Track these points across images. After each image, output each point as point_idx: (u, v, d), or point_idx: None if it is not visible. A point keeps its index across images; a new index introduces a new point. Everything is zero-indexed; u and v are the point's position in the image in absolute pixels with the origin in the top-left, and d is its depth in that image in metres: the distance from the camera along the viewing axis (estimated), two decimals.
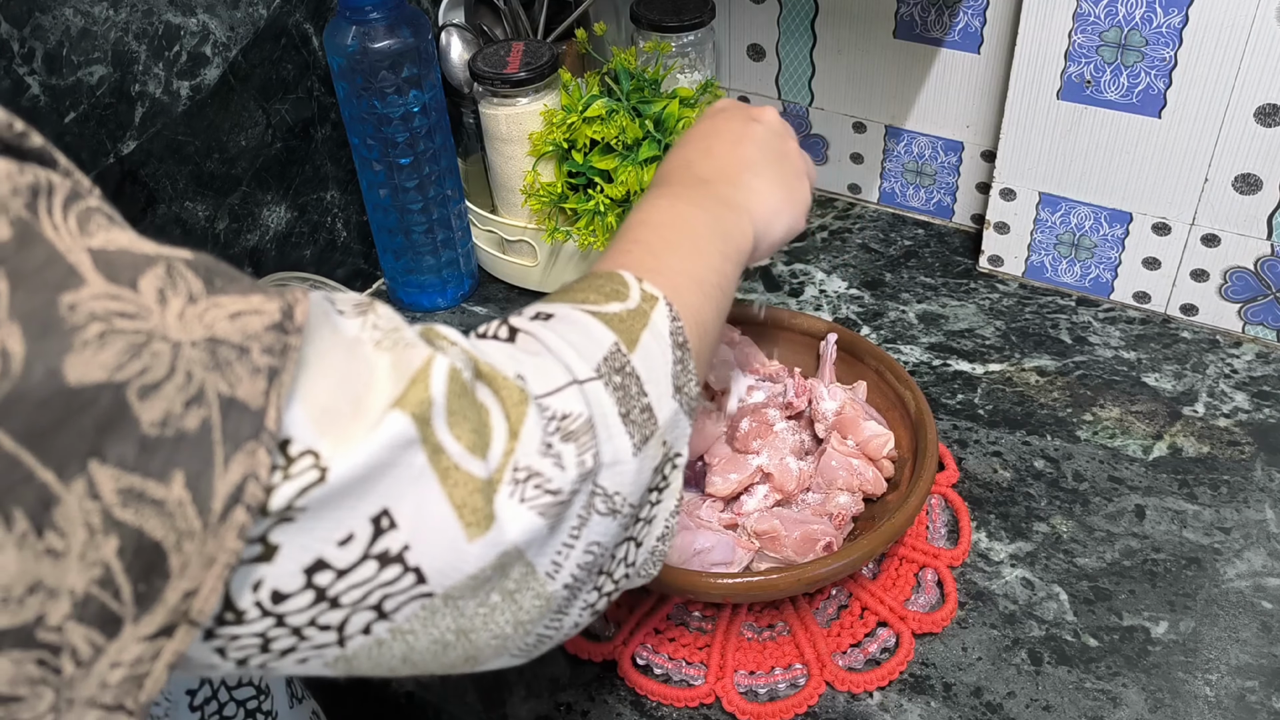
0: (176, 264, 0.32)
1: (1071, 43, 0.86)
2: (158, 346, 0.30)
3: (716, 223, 0.56)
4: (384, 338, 0.38)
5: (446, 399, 0.37)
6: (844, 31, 1.01)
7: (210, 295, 0.33)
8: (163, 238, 0.86)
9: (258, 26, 0.85)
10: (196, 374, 0.31)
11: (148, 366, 0.30)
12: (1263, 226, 0.86)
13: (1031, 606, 0.72)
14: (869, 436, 0.76)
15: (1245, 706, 0.66)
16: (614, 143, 0.91)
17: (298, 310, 0.35)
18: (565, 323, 0.45)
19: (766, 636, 0.72)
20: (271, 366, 0.33)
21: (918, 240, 1.06)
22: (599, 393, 0.43)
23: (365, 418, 0.35)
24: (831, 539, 0.71)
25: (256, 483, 0.32)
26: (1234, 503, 0.78)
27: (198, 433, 0.31)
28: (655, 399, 0.46)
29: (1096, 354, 0.91)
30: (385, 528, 0.36)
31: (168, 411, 0.30)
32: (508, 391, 0.40)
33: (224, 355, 0.32)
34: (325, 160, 0.95)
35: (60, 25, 0.71)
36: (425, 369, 0.37)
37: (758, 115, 0.64)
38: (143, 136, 0.79)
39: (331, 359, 0.36)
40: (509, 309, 1.00)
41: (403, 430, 0.36)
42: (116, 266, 0.30)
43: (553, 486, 0.40)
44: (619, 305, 0.47)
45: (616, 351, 0.45)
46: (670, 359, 0.47)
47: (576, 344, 0.44)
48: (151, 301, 0.31)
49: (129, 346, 0.30)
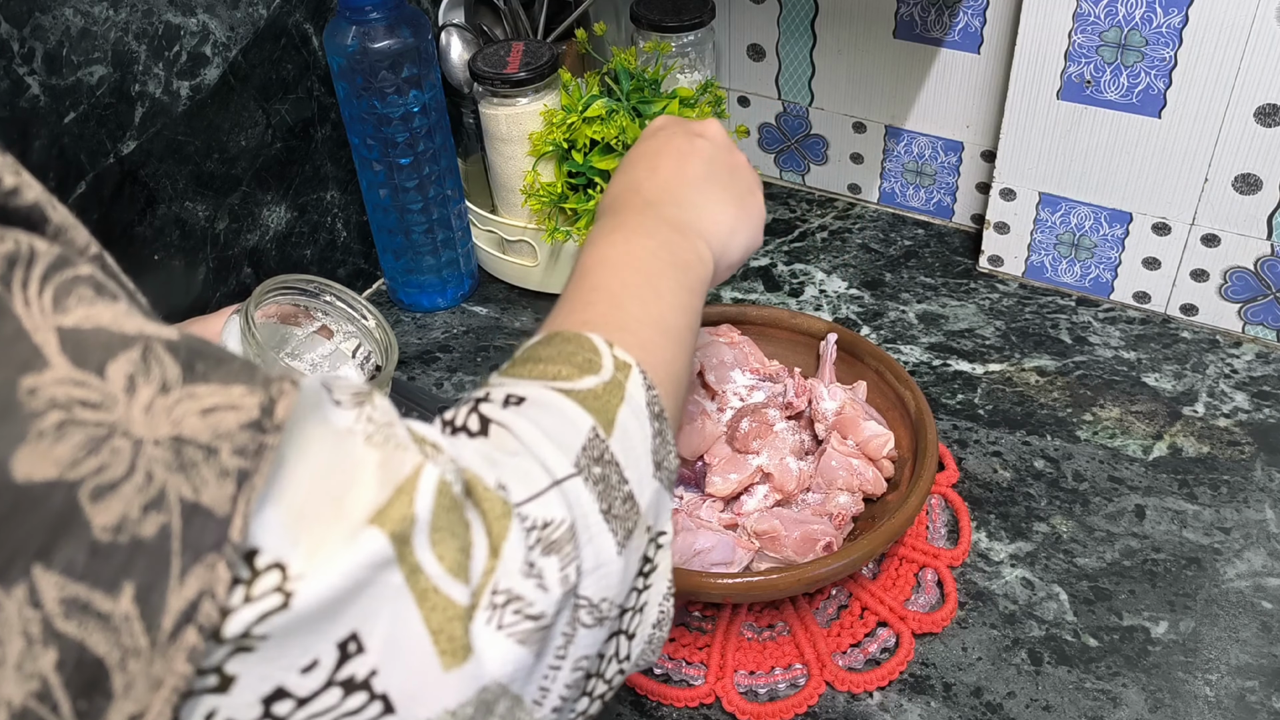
0: (155, 347, 0.30)
1: (1071, 43, 0.86)
2: (118, 443, 0.28)
3: (673, 254, 0.54)
4: (376, 432, 0.36)
5: (432, 515, 0.35)
6: (844, 31, 1.01)
7: (186, 384, 0.30)
8: (162, 238, 0.86)
9: (258, 26, 0.85)
10: (158, 475, 0.29)
11: (105, 464, 0.28)
12: (1263, 226, 0.86)
13: (1031, 606, 0.72)
14: (869, 436, 0.76)
15: (1245, 706, 0.66)
16: (614, 143, 0.91)
17: (280, 405, 0.32)
18: (539, 408, 0.43)
19: (766, 636, 0.72)
20: (242, 469, 0.31)
21: (918, 240, 1.06)
22: (579, 491, 0.41)
23: (343, 523, 0.33)
24: (831, 539, 0.71)
25: (212, 601, 0.30)
26: (1234, 503, 0.78)
27: (154, 541, 0.29)
28: (636, 484, 0.43)
29: (1096, 354, 0.91)
30: (352, 652, 0.33)
31: (124, 515, 0.28)
32: (489, 504, 0.38)
33: (190, 455, 0.30)
34: (325, 160, 0.95)
35: (60, 25, 0.71)
36: (413, 479, 0.35)
37: (701, 130, 0.62)
38: (143, 136, 0.79)
39: (316, 454, 0.34)
40: (509, 309, 1.00)
41: (379, 550, 0.33)
42: (86, 348, 0.29)
43: (534, 611, 0.38)
44: (593, 379, 0.44)
45: (595, 438, 0.42)
46: (649, 433, 0.45)
47: (553, 434, 0.42)
48: (118, 390, 0.29)
49: (87, 441, 0.28)
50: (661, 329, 0.50)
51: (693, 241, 0.56)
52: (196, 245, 0.86)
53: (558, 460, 0.41)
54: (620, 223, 0.56)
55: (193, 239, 0.86)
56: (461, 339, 0.98)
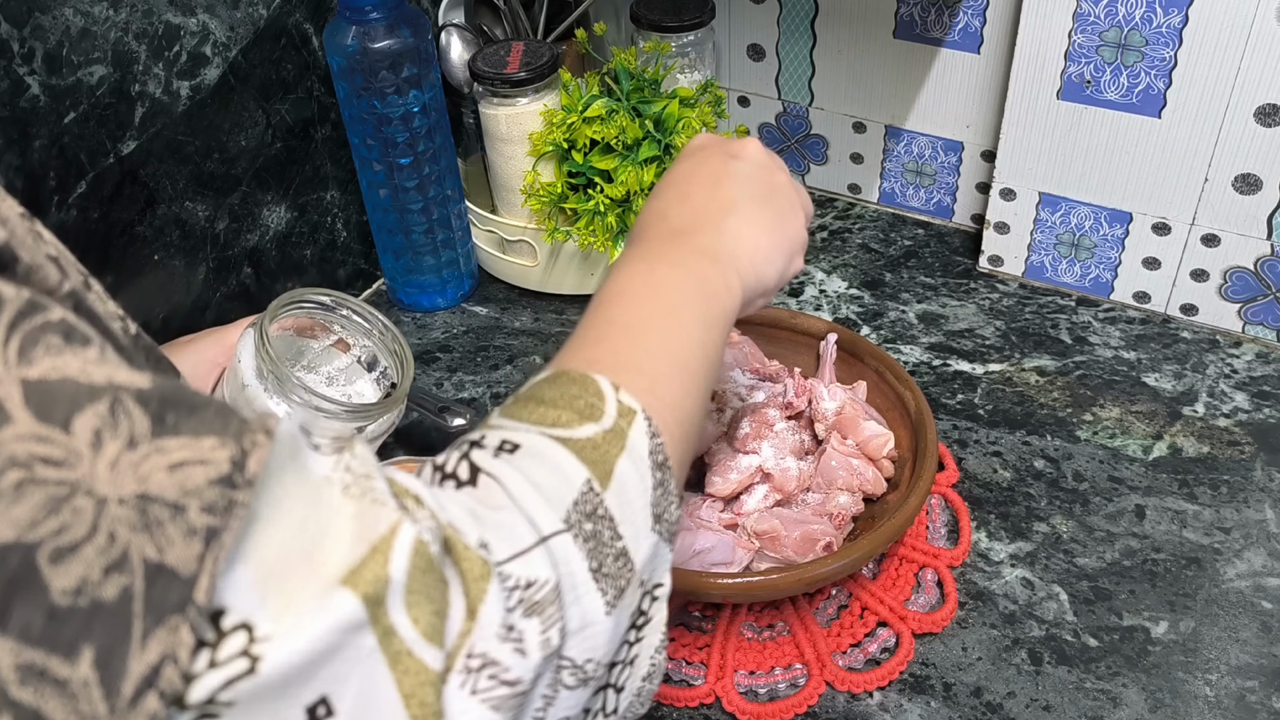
0: (124, 399, 0.29)
1: (1071, 43, 0.86)
2: (80, 502, 0.27)
3: (701, 284, 0.51)
4: (354, 483, 0.35)
5: (407, 576, 0.34)
6: (844, 31, 1.01)
7: (155, 437, 0.29)
8: (162, 238, 0.86)
9: (258, 26, 0.85)
10: (121, 535, 0.28)
11: (66, 525, 0.27)
12: (1263, 226, 0.86)
13: (1031, 606, 0.72)
14: (869, 436, 0.76)
15: (1245, 706, 0.66)
16: (614, 143, 0.91)
17: (252, 459, 0.31)
18: (532, 458, 0.41)
19: (766, 636, 0.72)
20: (210, 527, 0.30)
21: (918, 240, 1.06)
22: (567, 549, 0.39)
23: (314, 580, 0.32)
24: (831, 539, 0.71)
25: (175, 666, 0.29)
26: (1234, 503, 0.78)
27: (115, 603, 0.28)
28: (631, 539, 0.42)
29: (1096, 354, 0.91)
30: (321, 716, 0.32)
31: (84, 578, 0.27)
32: (469, 564, 0.37)
33: (156, 514, 0.29)
34: (325, 160, 0.95)
35: (60, 25, 0.71)
36: (389, 538, 0.34)
37: (738, 151, 0.59)
38: (143, 136, 0.79)
39: (290, 506, 0.33)
40: (509, 309, 1.00)
41: (352, 612, 0.32)
42: (52, 401, 0.28)
43: (510, 676, 0.36)
44: (593, 427, 0.42)
45: (588, 491, 0.41)
46: (649, 484, 0.43)
47: (544, 487, 0.40)
48: (83, 445, 0.28)
49: (48, 500, 0.27)
50: (677, 365, 0.47)
51: (723, 269, 0.53)
52: (196, 245, 0.86)
53: (546, 516, 0.39)
54: (645, 251, 0.53)
55: (193, 239, 0.86)
56: (461, 339, 0.98)
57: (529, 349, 0.96)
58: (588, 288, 1.00)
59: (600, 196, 0.91)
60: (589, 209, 0.92)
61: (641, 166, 0.91)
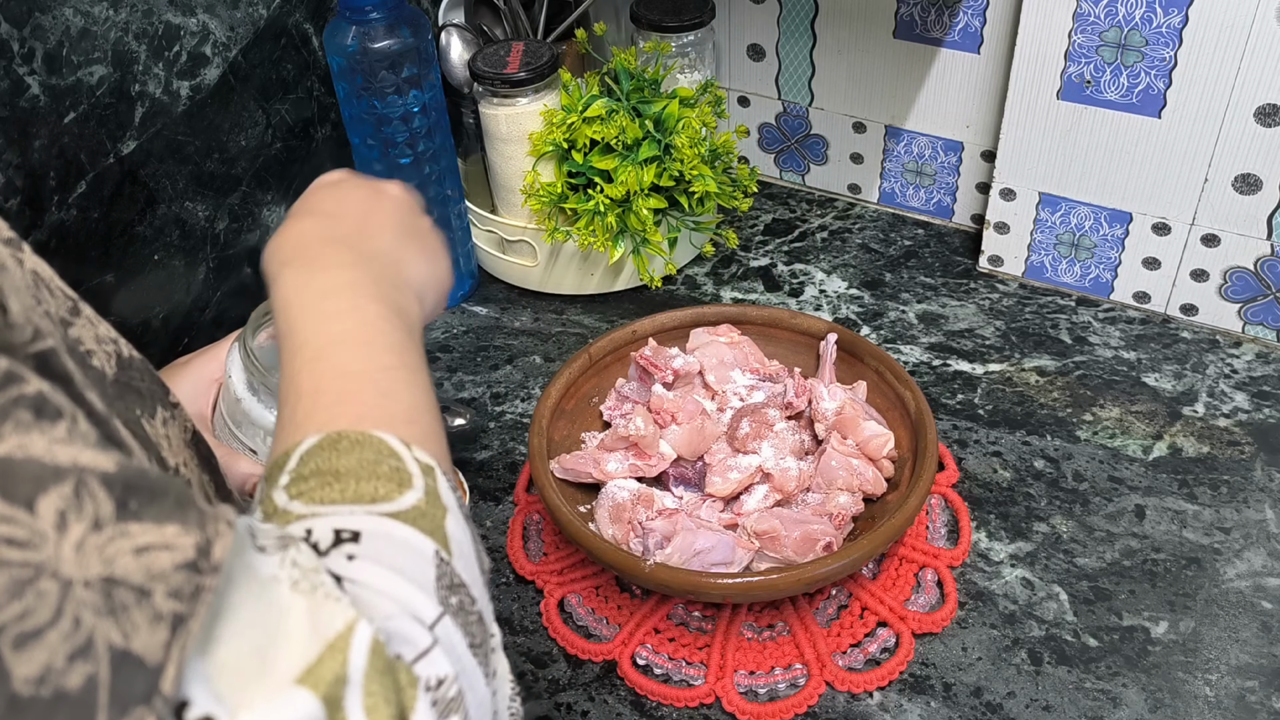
0: (89, 481, 0.28)
1: (1071, 43, 0.86)
2: (45, 585, 0.26)
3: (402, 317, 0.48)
4: (302, 579, 0.34)
5: (365, 676, 0.33)
6: (844, 31, 1.01)
7: (119, 521, 0.28)
8: (162, 238, 0.85)
9: (258, 26, 0.85)
10: (86, 620, 0.27)
11: (30, 609, 0.26)
12: (1263, 226, 0.86)
13: (1031, 606, 0.72)
14: (869, 436, 0.76)
15: (1245, 706, 0.66)
16: (614, 143, 0.91)
17: (217, 546, 0.31)
18: (382, 543, 0.38)
19: (766, 636, 0.72)
20: (177, 613, 0.29)
21: (918, 240, 1.06)
22: (450, 633, 0.37)
23: (269, 680, 0.31)
24: (831, 539, 0.71)
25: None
26: (1234, 503, 0.78)
27: (79, 693, 0.26)
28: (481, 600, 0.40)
29: (1096, 354, 0.91)
30: None
31: (48, 665, 0.26)
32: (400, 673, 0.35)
33: (121, 598, 0.28)
34: (325, 160, 0.95)
35: (60, 25, 0.71)
36: (346, 635, 0.33)
37: (382, 188, 0.56)
38: (143, 136, 0.79)
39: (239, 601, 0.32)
40: (509, 309, 1.00)
41: (309, 714, 0.31)
42: (16, 480, 0.27)
43: None
44: (412, 495, 0.40)
45: (442, 563, 0.39)
46: (470, 538, 0.42)
47: (409, 572, 0.38)
48: (48, 526, 0.27)
49: (11, 583, 0.26)
50: (430, 411, 0.45)
51: (408, 297, 0.50)
52: (196, 245, 0.86)
53: (425, 604, 0.37)
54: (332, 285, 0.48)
55: (193, 239, 0.86)
56: (461, 339, 0.98)
57: (529, 349, 0.96)
58: (588, 288, 1.00)
59: (600, 196, 0.91)
60: (589, 209, 0.92)
61: (641, 166, 0.91)
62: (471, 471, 0.85)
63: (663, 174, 0.92)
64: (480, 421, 0.89)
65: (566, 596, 0.75)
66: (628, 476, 0.76)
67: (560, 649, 0.72)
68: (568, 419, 0.81)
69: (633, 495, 0.74)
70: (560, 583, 0.76)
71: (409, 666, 0.35)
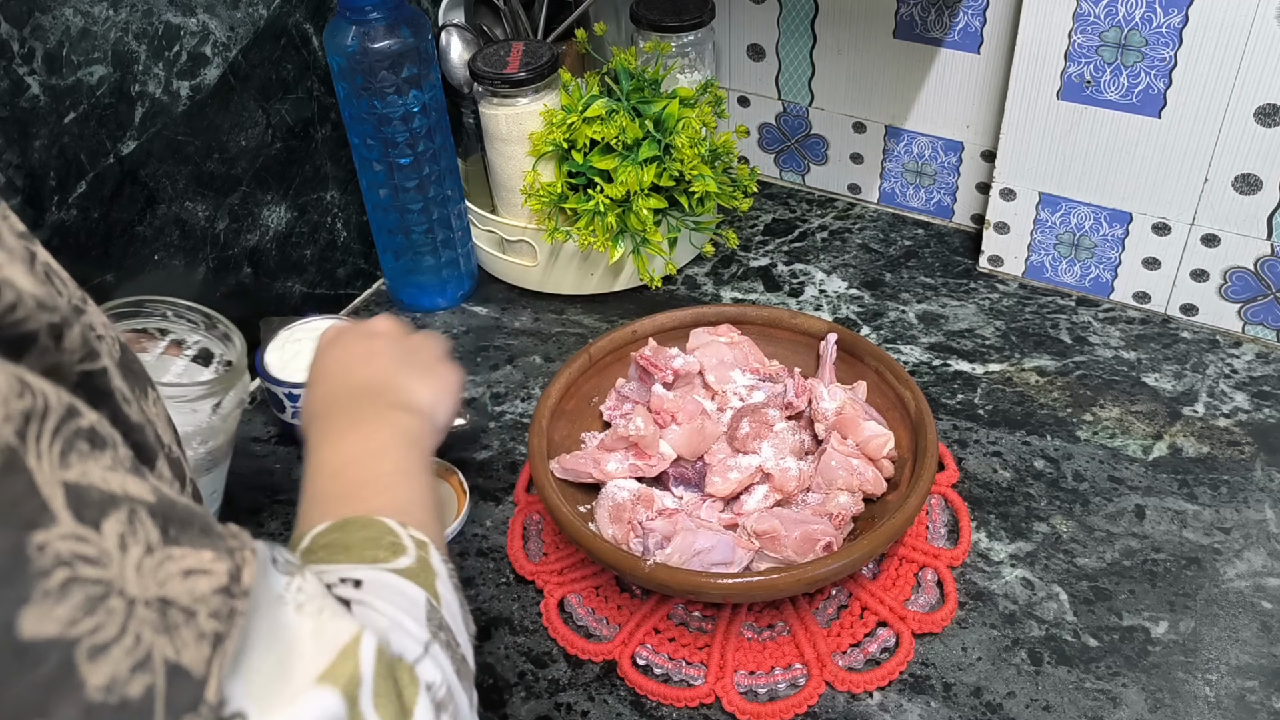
0: (138, 509, 0.31)
1: (1071, 43, 0.86)
2: (114, 603, 0.29)
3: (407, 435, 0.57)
4: (307, 602, 0.37)
5: (374, 678, 0.37)
6: (844, 31, 1.01)
7: (165, 545, 0.32)
8: (162, 238, 0.85)
9: (258, 26, 0.85)
10: (146, 636, 0.30)
11: (101, 624, 0.29)
12: (1263, 226, 0.86)
13: (1031, 606, 0.72)
14: (869, 436, 0.76)
15: (1245, 706, 0.66)
16: (614, 143, 0.91)
17: (245, 572, 0.34)
18: (380, 585, 0.44)
19: (766, 636, 0.72)
20: (217, 632, 0.32)
21: (918, 240, 1.06)
22: (438, 653, 0.43)
23: (293, 683, 0.35)
24: (831, 539, 0.71)
25: None
26: (1234, 503, 0.78)
27: (140, 701, 0.29)
28: (465, 647, 0.46)
29: (1096, 354, 0.91)
30: None
31: (114, 676, 0.29)
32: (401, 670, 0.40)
33: (173, 618, 0.31)
34: (325, 160, 0.95)
35: (60, 25, 0.71)
36: (354, 644, 0.37)
37: (370, 329, 0.64)
38: (143, 136, 0.79)
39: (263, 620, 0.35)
40: (509, 309, 1.00)
41: (332, 707, 0.35)
42: (85, 504, 0.29)
43: None
44: (406, 559, 0.46)
45: (431, 608, 0.44)
46: (458, 602, 0.47)
47: (403, 606, 0.43)
48: (113, 547, 0.30)
49: (87, 600, 0.28)
50: (426, 507, 0.52)
51: (412, 414, 0.58)
52: (196, 245, 0.86)
53: (417, 628, 0.42)
54: (349, 423, 0.57)
55: (193, 239, 0.86)
56: (461, 339, 0.98)
57: (529, 349, 0.96)
58: (588, 288, 1.00)
59: (600, 196, 0.91)
60: (589, 209, 0.92)
61: (641, 166, 0.91)
62: (471, 471, 0.85)
63: (663, 174, 0.92)
64: (480, 421, 0.89)
65: (566, 596, 0.75)
66: (628, 476, 0.76)
67: (560, 649, 0.72)
68: (568, 419, 0.81)
69: (633, 495, 0.74)
70: (560, 583, 0.76)
71: (411, 667, 0.40)
